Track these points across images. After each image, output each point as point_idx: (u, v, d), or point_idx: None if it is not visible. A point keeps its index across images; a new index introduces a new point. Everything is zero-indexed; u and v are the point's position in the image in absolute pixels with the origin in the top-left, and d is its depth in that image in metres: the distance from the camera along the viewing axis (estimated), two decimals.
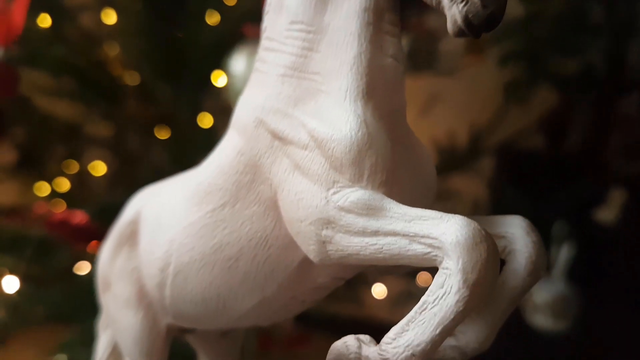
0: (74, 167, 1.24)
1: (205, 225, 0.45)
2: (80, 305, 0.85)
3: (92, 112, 1.15)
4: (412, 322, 0.34)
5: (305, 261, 0.42)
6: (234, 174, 0.44)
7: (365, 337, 0.36)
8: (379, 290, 1.36)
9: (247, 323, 0.49)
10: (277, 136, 0.42)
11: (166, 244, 0.47)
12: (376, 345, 0.36)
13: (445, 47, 1.12)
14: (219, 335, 0.58)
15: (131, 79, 1.10)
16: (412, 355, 0.33)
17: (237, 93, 0.85)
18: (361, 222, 0.37)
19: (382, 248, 0.36)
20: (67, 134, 1.19)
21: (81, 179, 1.23)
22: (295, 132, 0.41)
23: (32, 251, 0.93)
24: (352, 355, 0.36)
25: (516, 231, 0.40)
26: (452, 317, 0.33)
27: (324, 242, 0.38)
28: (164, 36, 1.02)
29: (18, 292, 0.92)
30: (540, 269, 0.40)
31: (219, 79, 1.09)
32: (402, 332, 0.34)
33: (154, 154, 1.17)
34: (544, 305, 1.00)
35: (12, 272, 0.94)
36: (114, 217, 1.11)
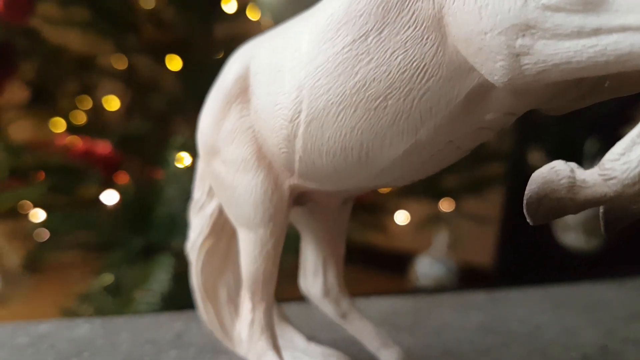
0: (88, 102, 1.22)
1: (343, 62, 0.38)
2: (112, 233, 0.84)
3: (104, 43, 1.12)
4: None
5: (474, 93, 0.36)
6: None
7: (572, 163, 0.31)
8: (401, 218, 1.35)
9: (386, 180, 0.43)
10: None
11: (293, 91, 0.41)
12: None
13: None
14: (337, 204, 0.52)
15: (145, 2, 1.06)
16: None
17: (268, 5, 0.83)
18: (576, 20, 0.29)
19: (605, 49, 0.29)
20: (80, 66, 1.16)
21: (96, 112, 1.21)
22: None
23: (56, 180, 0.91)
24: (563, 181, 0.30)
25: None
26: None
27: (517, 55, 0.31)
28: None
29: (46, 220, 0.91)
30: None
31: (228, 3, 1.05)
32: (632, 146, 0.28)
33: (167, 84, 1.15)
34: (576, 223, 0.99)
35: (37, 203, 0.93)
36: (133, 147, 1.10)
